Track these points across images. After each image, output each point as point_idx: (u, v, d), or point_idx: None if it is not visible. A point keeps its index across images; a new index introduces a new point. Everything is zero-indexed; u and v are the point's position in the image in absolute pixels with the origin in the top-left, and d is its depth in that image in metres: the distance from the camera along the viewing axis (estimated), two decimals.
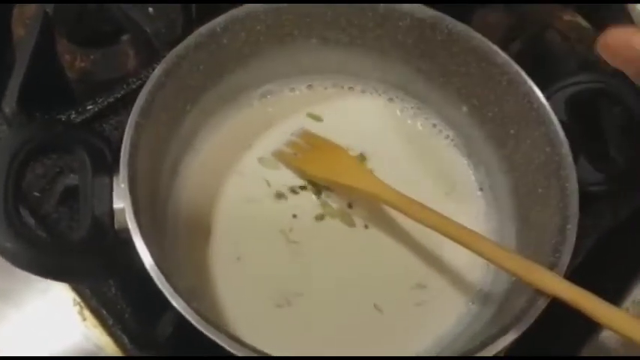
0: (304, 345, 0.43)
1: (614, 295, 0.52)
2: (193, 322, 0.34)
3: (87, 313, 0.46)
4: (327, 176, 0.48)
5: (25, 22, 0.60)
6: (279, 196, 0.48)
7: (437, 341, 0.43)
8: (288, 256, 0.46)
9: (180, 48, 0.43)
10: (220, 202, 0.48)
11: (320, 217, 0.48)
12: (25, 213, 0.46)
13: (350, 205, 0.48)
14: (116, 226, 0.37)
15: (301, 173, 0.49)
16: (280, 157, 0.50)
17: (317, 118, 0.52)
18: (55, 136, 0.39)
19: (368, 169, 0.48)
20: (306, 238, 0.47)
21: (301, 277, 0.46)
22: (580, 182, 0.41)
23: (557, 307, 0.44)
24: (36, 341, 0.45)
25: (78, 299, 0.46)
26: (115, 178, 0.38)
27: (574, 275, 0.47)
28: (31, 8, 0.60)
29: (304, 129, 0.51)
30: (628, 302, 0.52)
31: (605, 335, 0.50)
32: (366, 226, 0.48)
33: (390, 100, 0.53)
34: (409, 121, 0.53)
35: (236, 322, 0.43)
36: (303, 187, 0.49)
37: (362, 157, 0.50)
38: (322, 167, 0.48)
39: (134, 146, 0.38)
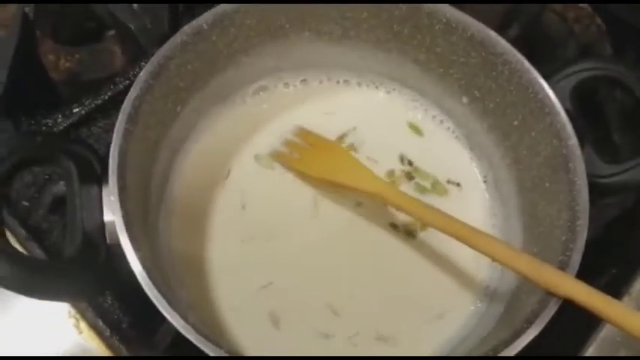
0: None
1: (617, 284, 0.52)
2: (190, 337, 0.33)
3: (83, 325, 0.45)
4: (328, 177, 0.46)
5: (4, 23, 0.57)
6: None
7: (444, 343, 0.42)
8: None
9: (165, 48, 0.41)
10: (217, 202, 0.47)
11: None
12: (14, 224, 0.45)
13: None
14: (108, 241, 0.36)
15: (300, 174, 0.48)
16: (277, 158, 0.48)
17: (315, 113, 0.51)
18: (39, 148, 0.37)
19: (369, 168, 0.46)
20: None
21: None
22: (587, 175, 0.40)
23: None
24: (32, 355, 0.44)
25: (73, 311, 0.45)
26: (104, 188, 0.37)
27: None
28: (8, 10, 0.58)
29: (300, 126, 0.49)
30: (633, 289, 0.51)
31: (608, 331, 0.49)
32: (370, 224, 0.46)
33: (388, 92, 0.52)
34: (409, 114, 0.51)
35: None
36: None
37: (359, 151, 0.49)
38: (321, 167, 0.46)
39: (123, 155, 0.37)
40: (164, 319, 0.42)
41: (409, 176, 0.49)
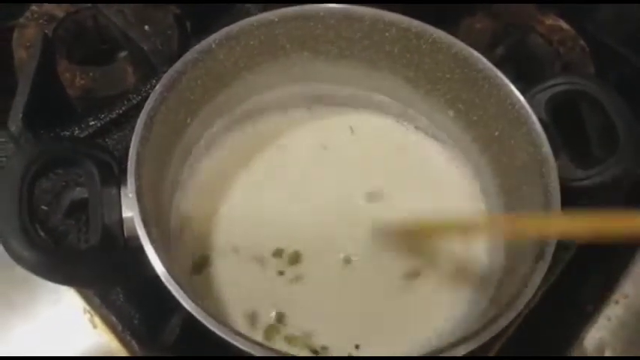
0: None
1: (603, 288, 0.55)
2: (204, 321, 0.36)
3: (97, 320, 0.48)
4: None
5: (25, 44, 0.62)
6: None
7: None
8: None
9: (179, 64, 0.45)
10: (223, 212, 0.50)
11: None
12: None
13: None
14: (126, 235, 0.39)
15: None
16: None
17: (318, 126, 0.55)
18: (64, 152, 0.42)
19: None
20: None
21: None
22: (561, 179, 0.43)
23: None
24: (50, 348, 0.47)
25: (88, 308, 0.48)
26: (122, 189, 0.40)
27: (566, 269, 0.50)
28: (31, 31, 0.63)
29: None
30: (618, 294, 0.54)
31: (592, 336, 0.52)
32: None
33: (382, 108, 0.56)
34: (400, 127, 0.55)
35: None
36: None
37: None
38: None
39: (140, 158, 0.40)
40: (173, 313, 0.46)
41: None
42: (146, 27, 0.62)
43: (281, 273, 0.48)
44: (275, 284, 0.48)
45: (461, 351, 0.37)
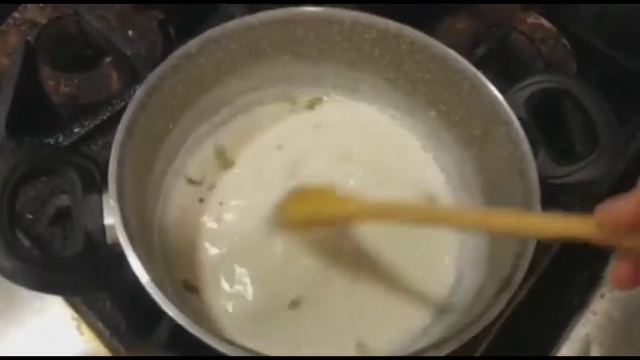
0: None
1: (589, 283, 0.55)
2: (187, 327, 0.36)
3: (84, 327, 0.48)
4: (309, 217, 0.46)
5: (7, 51, 0.62)
6: None
7: None
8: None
9: (159, 70, 0.45)
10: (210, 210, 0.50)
11: None
12: (19, 234, 0.48)
13: None
14: (108, 241, 0.39)
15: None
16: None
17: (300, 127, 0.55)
18: (45, 160, 0.42)
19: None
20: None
21: None
22: (541, 176, 0.44)
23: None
24: (37, 355, 0.47)
25: (75, 315, 0.48)
26: (104, 196, 0.40)
27: (551, 265, 0.50)
28: (13, 38, 0.62)
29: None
30: (604, 289, 0.55)
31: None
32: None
33: (363, 107, 0.56)
34: (383, 127, 0.55)
35: None
36: None
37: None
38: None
39: (121, 164, 0.40)
40: (160, 318, 0.46)
41: None
42: (130, 32, 0.62)
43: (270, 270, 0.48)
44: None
45: (444, 350, 0.37)
